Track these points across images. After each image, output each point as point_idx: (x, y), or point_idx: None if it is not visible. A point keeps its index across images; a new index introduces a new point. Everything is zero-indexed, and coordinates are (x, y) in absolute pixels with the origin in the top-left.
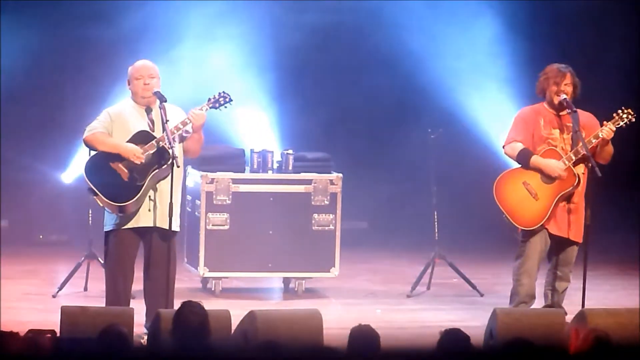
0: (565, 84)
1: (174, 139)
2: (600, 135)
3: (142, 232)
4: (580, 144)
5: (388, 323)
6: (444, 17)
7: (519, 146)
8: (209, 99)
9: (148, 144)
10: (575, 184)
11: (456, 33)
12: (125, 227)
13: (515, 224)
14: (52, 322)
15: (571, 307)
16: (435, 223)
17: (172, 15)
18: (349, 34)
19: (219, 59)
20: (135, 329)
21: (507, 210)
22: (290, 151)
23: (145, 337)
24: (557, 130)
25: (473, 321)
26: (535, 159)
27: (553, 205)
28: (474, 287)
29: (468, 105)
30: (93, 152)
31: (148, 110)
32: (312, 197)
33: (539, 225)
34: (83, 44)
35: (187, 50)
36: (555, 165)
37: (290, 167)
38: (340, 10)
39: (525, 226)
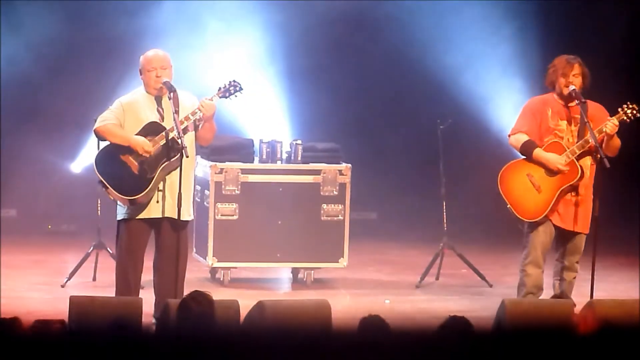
0: (573, 75)
1: (184, 129)
2: (604, 130)
3: (154, 223)
4: (587, 135)
5: (397, 313)
6: (453, 10)
7: (524, 138)
8: (220, 89)
9: (158, 136)
10: (578, 177)
11: (465, 24)
12: (137, 217)
13: (518, 215)
14: (61, 311)
15: (580, 298)
16: (444, 214)
17: (187, 9)
18: (359, 25)
19: (231, 49)
20: (144, 319)
21: (510, 201)
22: (299, 141)
23: (154, 328)
24: (565, 122)
25: (482, 312)
26: (538, 152)
27: (555, 198)
28: (482, 277)
29: (478, 96)
30: (103, 143)
31: (158, 101)
32: (321, 188)
33: (540, 217)
34: (95, 34)
35: (201, 41)
36: (555, 160)
37: (300, 158)
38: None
39: (527, 218)
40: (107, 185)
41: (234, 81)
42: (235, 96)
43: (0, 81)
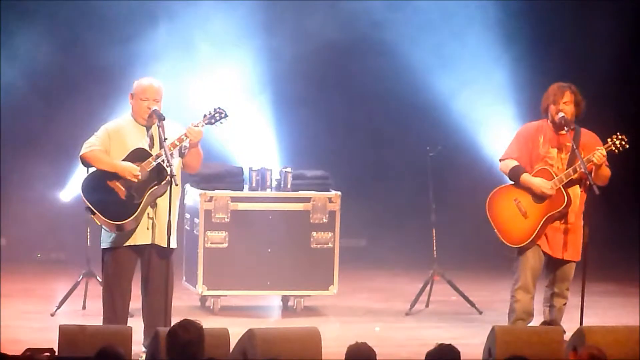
0: (564, 102)
1: (172, 155)
2: (592, 159)
3: (140, 250)
4: (577, 163)
5: (387, 341)
6: (444, 34)
7: (513, 163)
8: (205, 115)
9: (145, 162)
10: (564, 205)
11: (457, 50)
12: (123, 245)
13: (503, 240)
14: (50, 340)
15: (570, 324)
16: (434, 240)
17: (179, 35)
18: (348, 52)
19: (221, 75)
20: (133, 348)
21: (497, 226)
22: (289, 169)
23: (144, 356)
24: (555, 150)
25: (472, 339)
26: (525, 177)
27: (541, 224)
28: (472, 304)
29: (469, 122)
30: (90, 169)
31: (147, 128)
32: (311, 215)
33: (525, 243)
34: (84, 61)
35: (192, 67)
36: (541, 184)
37: (289, 185)
38: (343, 28)
39: (512, 243)
40: (95, 211)
41: (219, 108)
42: (221, 123)
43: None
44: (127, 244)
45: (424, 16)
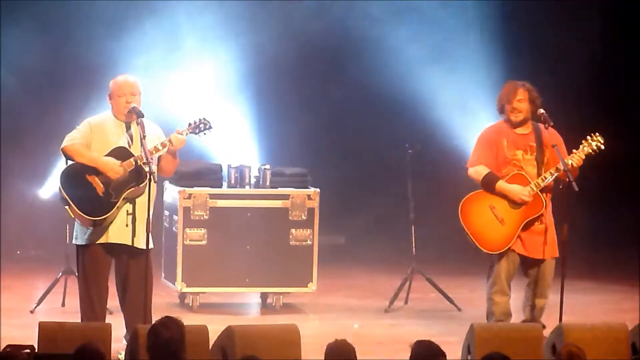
0: (517, 100)
1: (152, 159)
2: (570, 163)
3: (114, 248)
4: (559, 164)
5: (366, 338)
6: (428, 32)
7: (484, 170)
8: (190, 124)
9: (126, 162)
10: (542, 209)
11: (445, 48)
12: (97, 242)
13: (480, 247)
14: (30, 337)
15: (549, 321)
16: (413, 238)
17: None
18: (329, 49)
19: (199, 73)
20: (112, 344)
21: (472, 232)
22: (268, 166)
23: (123, 353)
24: (521, 151)
25: (451, 336)
26: (500, 184)
27: (519, 230)
28: (451, 301)
29: (447, 121)
30: (70, 162)
31: (127, 126)
32: (290, 212)
33: (504, 249)
34: (72, 58)
35: (170, 65)
36: (519, 191)
37: (268, 182)
38: (324, 24)
39: (490, 250)
40: (70, 203)
41: (204, 119)
42: (204, 134)
43: None
44: (101, 241)
45: (411, 13)
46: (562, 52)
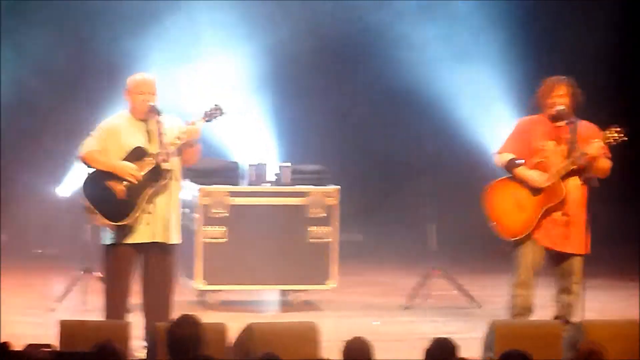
0: (558, 95)
1: (172, 153)
2: (588, 151)
3: (141, 248)
4: (575, 156)
5: (385, 335)
6: (444, 29)
7: (507, 156)
8: (205, 113)
9: (144, 161)
10: (562, 198)
11: (462, 47)
12: (123, 242)
13: (501, 233)
14: (50, 336)
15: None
16: (433, 234)
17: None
18: (349, 46)
19: (218, 70)
20: (133, 343)
21: (494, 219)
22: (289, 164)
23: (145, 351)
24: (553, 142)
25: (471, 333)
26: (519, 170)
27: (539, 217)
28: (471, 298)
29: (468, 117)
30: (90, 169)
31: (145, 124)
32: (309, 210)
33: (522, 236)
34: (81, 57)
35: (189, 61)
36: (536, 177)
37: (288, 180)
38: (343, 24)
39: (509, 236)
40: (95, 211)
41: (217, 105)
42: (217, 119)
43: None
44: (127, 241)
45: (426, 12)
46: (582, 53)
